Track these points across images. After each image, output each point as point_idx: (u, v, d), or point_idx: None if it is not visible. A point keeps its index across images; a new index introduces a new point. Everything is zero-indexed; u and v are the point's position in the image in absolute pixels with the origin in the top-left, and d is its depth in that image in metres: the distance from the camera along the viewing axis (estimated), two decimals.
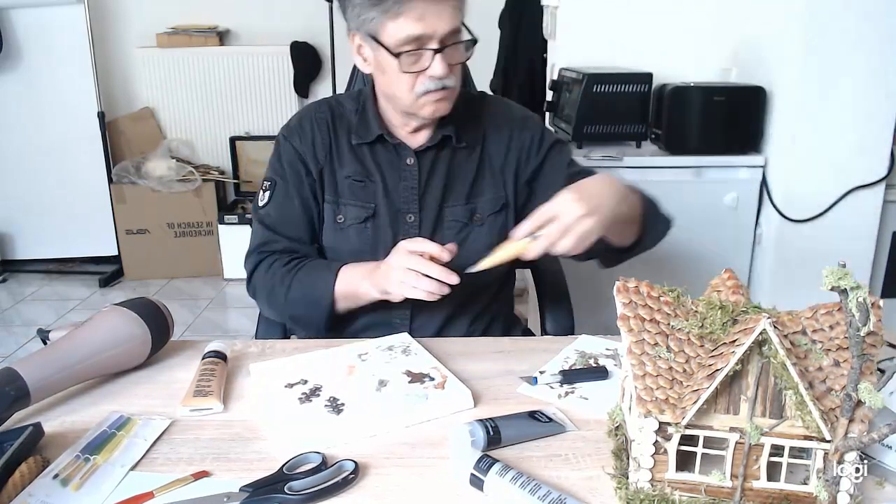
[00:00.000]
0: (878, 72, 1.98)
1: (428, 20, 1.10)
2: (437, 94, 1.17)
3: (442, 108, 1.20)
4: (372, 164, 1.27)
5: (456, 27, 1.14)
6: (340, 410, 0.93)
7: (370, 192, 1.27)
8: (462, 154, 1.29)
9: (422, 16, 1.10)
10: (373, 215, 1.26)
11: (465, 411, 0.95)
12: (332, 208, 1.28)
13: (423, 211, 1.27)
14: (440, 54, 1.13)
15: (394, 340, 1.14)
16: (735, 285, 0.80)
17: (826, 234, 2.12)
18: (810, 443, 0.71)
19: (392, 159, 1.27)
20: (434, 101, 1.18)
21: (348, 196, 1.27)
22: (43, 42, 3.54)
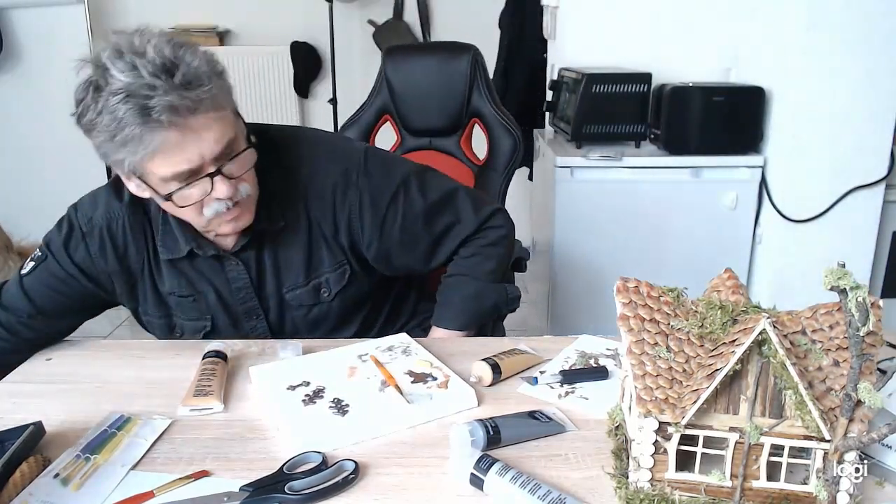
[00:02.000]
0: (878, 72, 1.98)
1: (187, 148, 0.95)
2: (230, 213, 1.04)
3: (244, 222, 1.08)
4: (196, 277, 1.15)
5: (228, 139, 0.99)
6: (346, 411, 0.93)
7: (202, 306, 1.16)
8: (286, 234, 1.15)
9: (178, 145, 0.95)
10: (211, 329, 1.18)
11: (469, 410, 0.96)
12: (166, 323, 1.18)
13: (265, 302, 1.18)
14: (220, 176, 0.99)
15: (393, 341, 1.14)
16: (735, 285, 0.80)
17: (826, 234, 2.12)
18: (810, 443, 0.71)
19: (214, 268, 1.15)
20: (229, 221, 1.06)
21: (178, 312, 1.17)
22: (43, 42, 3.54)
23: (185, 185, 0.99)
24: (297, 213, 1.14)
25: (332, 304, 1.19)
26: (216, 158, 0.99)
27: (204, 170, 0.99)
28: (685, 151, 2.17)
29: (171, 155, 0.95)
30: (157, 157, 0.95)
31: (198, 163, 0.97)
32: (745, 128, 2.17)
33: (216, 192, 1.00)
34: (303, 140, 1.19)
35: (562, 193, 2.17)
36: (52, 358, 1.14)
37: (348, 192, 1.15)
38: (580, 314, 2.25)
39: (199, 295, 1.16)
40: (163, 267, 1.14)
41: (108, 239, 1.13)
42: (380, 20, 3.94)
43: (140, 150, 0.94)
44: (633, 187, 2.18)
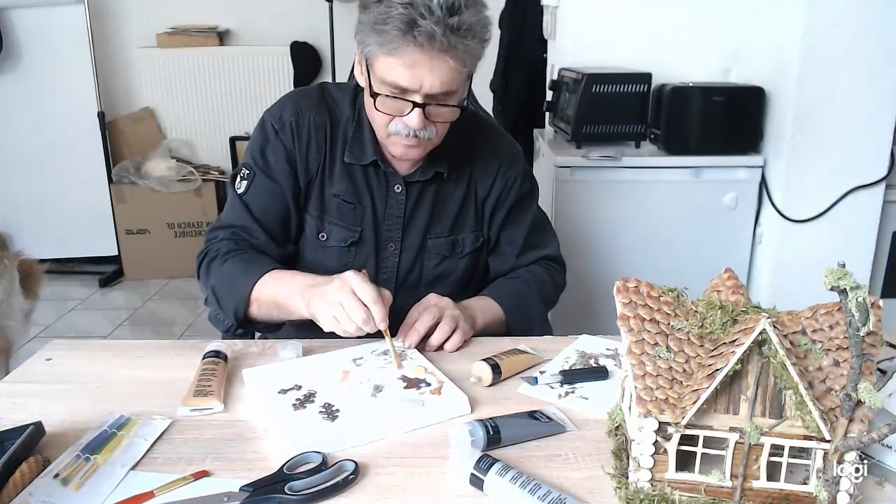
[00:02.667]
0: (878, 72, 1.98)
1: (416, 71, 1.05)
2: (408, 140, 1.13)
3: (412, 154, 1.17)
4: (363, 186, 1.24)
5: (448, 89, 1.08)
6: (336, 417, 0.92)
7: (358, 216, 1.24)
8: (449, 186, 1.27)
9: (412, 65, 1.04)
10: (358, 240, 1.24)
11: (461, 417, 0.94)
12: (316, 223, 1.24)
13: (406, 241, 1.26)
14: (419, 109, 1.08)
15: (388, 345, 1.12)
16: (735, 285, 0.80)
17: (826, 234, 2.12)
18: (810, 443, 0.71)
19: (381, 185, 1.24)
20: (403, 146, 1.15)
21: (335, 215, 1.24)
22: (43, 42, 3.54)
23: (391, 96, 1.09)
24: (463, 172, 1.28)
25: (459, 262, 1.29)
26: (428, 95, 1.08)
27: (413, 96, 1.08)
28: (685, 151, 2.17)
29: (402, 68, 1.05)
30: (392, 58, 1.05)
31: (415, 87, 1.07)
32: (745, 128, 2.17)
33: (408, 118, 1.10)
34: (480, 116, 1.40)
35: (562, 193, 2.17)
36: (52, 358, 1.14)
37: (509, 171, 1.31)
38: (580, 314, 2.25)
39: (360, 205, 1.24)
40: (337, 169, 1.23)
41: (296, 132, 1.22)
42: None
43: (386, 47, 1.05)
44: (633, 187, 2.18)
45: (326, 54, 3.84)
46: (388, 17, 1.02)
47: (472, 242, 1.30)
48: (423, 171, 1.24)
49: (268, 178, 1.22)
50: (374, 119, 1.16)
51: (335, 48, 3.62)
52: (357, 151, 1.22)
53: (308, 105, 1.24)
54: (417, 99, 1.08)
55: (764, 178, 2.18)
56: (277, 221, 1.23)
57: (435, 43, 1.02)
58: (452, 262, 1.29)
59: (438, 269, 1.28)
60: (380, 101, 1.10)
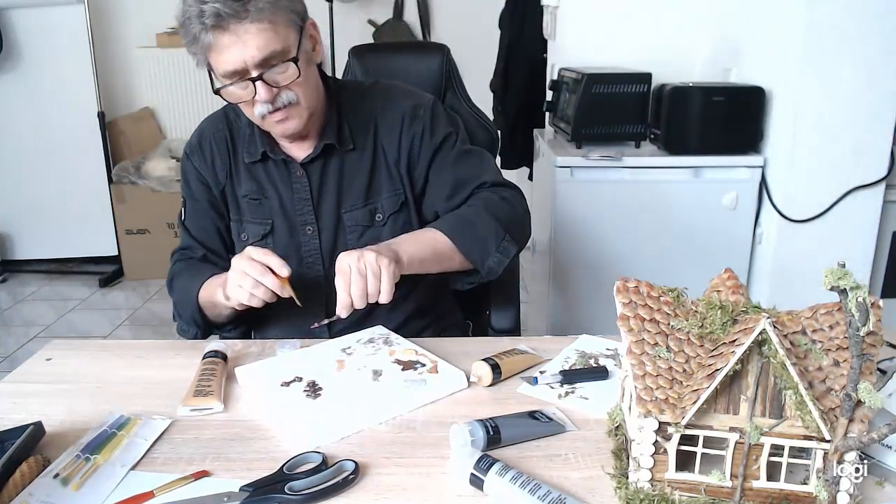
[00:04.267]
0: (878, 72, 1.98)
1: (231, 52, 1.08)
2: (276, 114, 1.15)
3: (291, 126, 1.18)
4: (266, 181, 1.28)
5: (271, 51, 1.09)
6: (349, 402, 0.95)
7: (266, 209, 1.28)
8: (353, 156, 1.27)
9: (225, 48, 1.08)
10: (270, 231, 1.28)
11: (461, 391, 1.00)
12: (237, 226, 1.31)
13: (321, 220, 1.27)
14: (260, 81, 1.10)
15: (372, 333, 1.16)
16: (735, 285, 0.80)
17: (826, 234, 2.12)
18: (810, 443, 0.71)
19: (282, 174, 1.27)
20: (277, 122, 1.16)
21: (248, 214, 1.29)
22: (43, 42, 3.54)
23: (231, 84, 1.12)
24: (367, 139, 1.28)
25: (383, 229, 1.28)
26: (258, 65, 1.09)
27: (247, 73, 1.10)
28: (685, 151, 2.17)
29: (220, 55, 1.09)
30: (211, 55, 1.10)
31: (241, 66, 1.09)
32: (745, 128, 2.17)
33: (257, 95, 1.12)
34: (382, 82, 1.36)
35: (562, 193, 2.17)
36: (52, 358, 1.14)
37: (414, 122, 1.28)
38: (580, 314, 2.25)
39: (265, 199, 1.28)
40: (241, 173, 1.29)
41: (200, 151, 1.30)
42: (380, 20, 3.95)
43: (198, 47, 1.10)
44: (633, 187, 2.18)
45: (326, 54, 3.84)
46: (185, 21, 1.09)
47: (390, 206, 1.28)
48: (314, 148, 1.26)
49: (194, 201, 1.32)
50: (246, 113, 1.19)
51: (335, 48, 3.62)
52: (252, 149, 1.27)
53: (209, 125, 1.32)
54: (253, 74, 1.10)
55: (764, 178, 2.18)
56: (211, 235, 1.32)
57: (225, 19, 1.06)
58: (374, 230, 1.27)
59: (362, 241, 1.25)
60: (225, 94, 1.14)
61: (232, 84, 1.12)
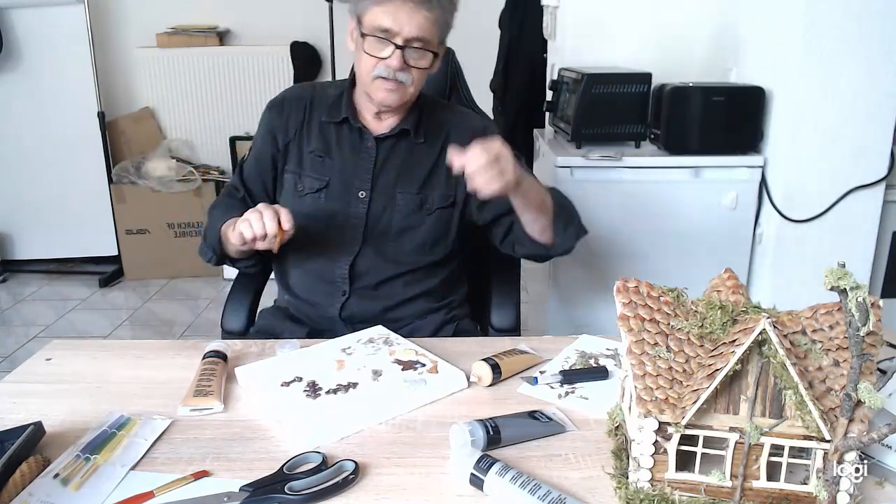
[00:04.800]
0: (878, 72, 1.98)
1: (398, 19, 1.24)
2: (388, 83, 1.29)
3: (391, 99, 1.31)
4: (334, 143, 1.40)
5: (424, 36, 1.27)
6: (349, 401, 0.96)
7: (326, 167, 1.39)
8: (421, 148, 1.40)
9: (394, 12, 1.24)
10: (325, 186, 1.39)
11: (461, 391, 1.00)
12: (294, 178, 1.41)
13: (375, 190, 1.38)
14: (399, 51, 1.26)
15: (372, 333, 1.17)
16: (735, 285, 0.80)
17: (826, 234, 2.11)
18: (810, 443, 0.71)
19: (354, 141, 1.40)
20: (385, 89, 1.30)
21: (309, 168, 1.40)
22: (43, 42, 3.54)
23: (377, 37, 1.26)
24: (437, 140, 1.41)
25: (427, 218, 1.40)
26: (407, 40, 1.26)
27: (395, 39, 1.25)
28: (685, 151, 2.17)
29: (386, 14, 1.25)
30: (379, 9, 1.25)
31: (396, 30, 1.25)
32: (745, 128, 2.16)
33: (389, 60, 1.27)
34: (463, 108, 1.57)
35: None
36: (52, 358, 1.14)
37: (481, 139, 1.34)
38: (580, 314, 2.25)
39: (329, 159, 1.40)
40: (314, 130, 1.41)
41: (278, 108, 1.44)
42: None
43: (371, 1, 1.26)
44: (633, 187, 2.18)
45: (326, 54, 3.84)
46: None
47: (440, 200, 1.41)
48: (392, 128, 1.39)
49: (257, 149, 1.45)
50: (361, 70, 1.32)
51: (335, 48, 3.62)
52: (333, 112, 1.40)
53: (294, 88, 1.49)
54: (399, 41, 1.25)
55: (764, 178, 2.18)
56: (257, 184, 1.45)
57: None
58: (419, 216, 1.40)
59: (406, 222, 1.39)
60: (367, 42, 1.27)
61: (375, 37, 1.26)
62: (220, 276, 3.63)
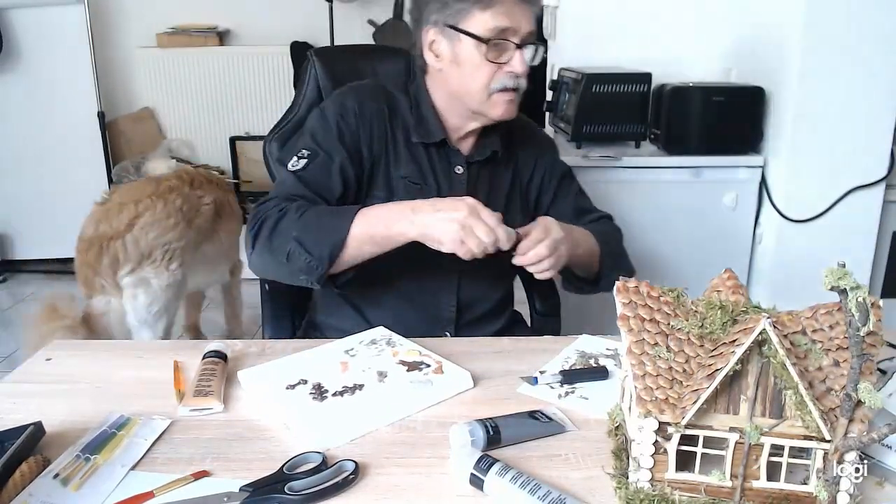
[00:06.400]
0: (878, 72, 1.98)
1: (515, 16, 1.16)
2: (509, 94, 1.20)
3: (510, 111, 1.23)
4: (427, 167, 1.28)
5: (534, 31, 1.19)
6: (355, 403, 0.95)
7: (426, 195, 1.22)
8: (500, 170, 1.34)
9: (510, 11, 1.16)
10: None
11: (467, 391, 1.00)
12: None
13: None
14: (521, 51, 1.17)
15: (374, 334, 1.16)
16: (735, 285, 0.80)
17: (826, 234, 2.12)
18: (810, 443, 0.71)
19: (444, 165, 1.29)
20: (505, 101, 1.21)
21: (403, 195, 1.25)
22: (43, 42, 3.54)
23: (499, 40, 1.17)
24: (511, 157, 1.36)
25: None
26: (525, 36, 1.18)
27: (514, 38, 1.17)
28: (685, 151, 2.17)
29: (502, 13, 1.15)
30: (491, 9, 1.15)
31: (515, 28, 1.16)
32: (745, 128, 2.17)
33: (513, 65, 1.18)
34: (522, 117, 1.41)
35: None
36: (52, 358, 1.14)
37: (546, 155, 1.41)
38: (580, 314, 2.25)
39: (426, 186, 1.28)
40: (401, 152, 1.27)
41: (359, 117, 1.25)
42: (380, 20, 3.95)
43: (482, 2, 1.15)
44: (633, 187, 2.18)
45: None
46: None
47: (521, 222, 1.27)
48: (480, 151, 1.31)
49: (329, 159, 1.23)
50: (471, 84, 1.20)
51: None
52: (423, 131, 1.27)
53: (367, 94, 1.29)
54: (517, 40, 1.17)
55: (764, 178, 2.18)
56: (331, 196, 1.22)
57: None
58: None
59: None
60: (490, 51, 1.17)
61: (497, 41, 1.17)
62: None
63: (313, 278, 1.14)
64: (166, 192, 2.26)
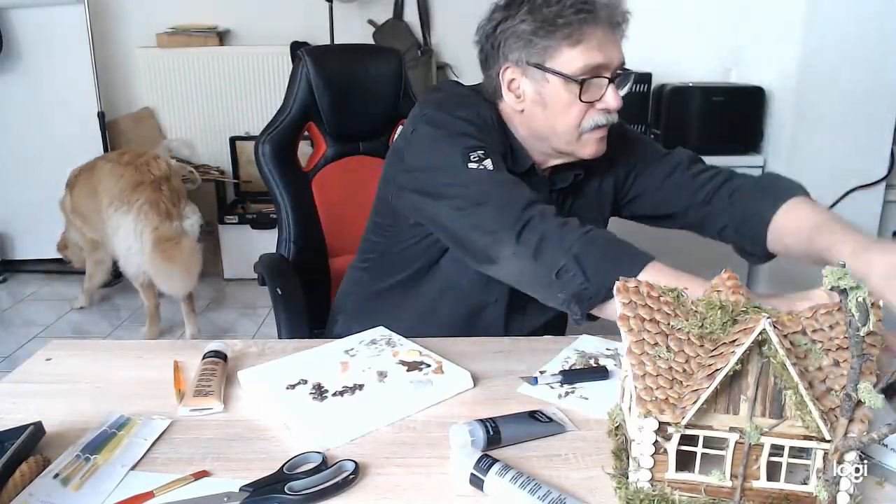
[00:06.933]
0: (878, 72, 1.98)
1: (606, 49, 1.08)
2: (601, 131, 1.13)
3: (601, 149, 1.16)
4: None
5: (623, 62, 1.11)
6: (355, 403, 0.95)
7: None
8: (583, 191, 1.28)
9: (602, 44, 1.08)
10: None
11: (467, 391, 1.00)
12: None
13: None
14: (612, 85, 1.10)
15: (374, 334, 1.16)
16: (735, 285, 0.80)
17: None
18: (810, 443, 0.71)
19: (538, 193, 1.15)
20: (596, 140, 1.14)
21: None
22: (43, 42, 3.54)
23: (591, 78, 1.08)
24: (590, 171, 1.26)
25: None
26: (616, 68, 1.10)
27: (606, 71, 1.09)
28: None
29: (593, 48, 1.07)
30: (581, 45, 1.07)
31: (607, 63, 1.08)
32: (744, 128, 2.17)
33: (606, 100, 1.10)
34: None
35: None
36: (52, 358, 1.14)
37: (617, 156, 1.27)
38: None
39: None
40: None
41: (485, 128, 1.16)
42: (380, 20, 3.95)
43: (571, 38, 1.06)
44: None
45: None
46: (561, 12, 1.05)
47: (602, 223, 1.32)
48: (563, 177, 1.24)
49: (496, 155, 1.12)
50: (560, 125, 1.12)
51: None
52: (520, 161, 1.19)
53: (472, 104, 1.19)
54: (609, 75, 1.09)
55: None
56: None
57: (614, 18, 1.08)
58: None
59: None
60: (585, 90, 1.08)
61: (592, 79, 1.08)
62: (220, 277, 3.63)
63: (580, 308, 0.99)
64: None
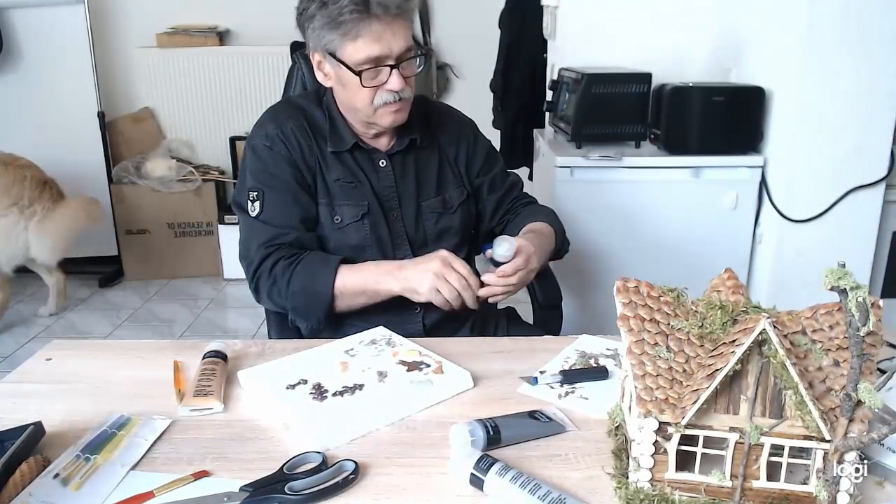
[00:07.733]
0: (878, 72, 1.98)
1: (384, 41, 1.21)
2: (394, 105, 1.27)
3: (399, 118, 1.31)
4: (355, 166, 1.36)
5: (409, 45, 1.24)
6: (355, 403, 0.95)
7: (361, 192, 1.35)
8: (424, 153, 1.41)
9: (378, 37, 1.20)
10: (367, 212, 1.35)
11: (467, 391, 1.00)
12: (328, 210, 1.34)
13: (403, 207, 1.38)
14: (396, 70, 1.23)
15: (375, 334, 1.16)
16: (735, 285, 0.80)
17: (826, 234, 2.12)
18: (810, 443, 0.71)
19: (367, 163, 1.36)
20: (391, 112, 1.28)
21: (341, 198, 1.34)
22: (43, 42, 3.53)
23: (371, 68, 1.23)
24: (432, 140, 1.43)
25: (454, 217, 1.42)
26: (398, 56, 1.23)
27: (387, 61, 1.23)
28: (685, 151, 2.17)
29: (371, 42, 1.21)
30: (360, 40, 1.21)
31: (386, 53, 1.22)
32: (745, 128, 2.17)
33: (390, 84, 1.24)
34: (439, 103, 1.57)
35: (562, 193, 2.17)
36: (52, 358, 1.14)
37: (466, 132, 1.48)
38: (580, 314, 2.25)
39: (359, 183, 1.35)
40: (328, 159, 1.35)
41: (284, 139, 1.33)
42: None
43: (350, 34, 1.21)
44: (633, 187, 2.18)
45: None
46: (340, 10, 1.19)
47: (458, 196, 1.43)
48: (399, 142, 1.38)
49: (277, 191, 1.31)
50: (356, 103, 1.28)
51: None
52: (337, 140, 1.34)
53: (284, 115, 1.36)
54: (391, 62, 1.23)
55: (764, 178, 2.18)
56: (298, 220, 1.32)
57: (389, 11, 1.19)
58: (447, 217, 1.41)
59: (438, 227, 1.40)
60: (364, 76, 1.23)
61: (368, 69, 1.22)
62: (220, 277, 3.63)
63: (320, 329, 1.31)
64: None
